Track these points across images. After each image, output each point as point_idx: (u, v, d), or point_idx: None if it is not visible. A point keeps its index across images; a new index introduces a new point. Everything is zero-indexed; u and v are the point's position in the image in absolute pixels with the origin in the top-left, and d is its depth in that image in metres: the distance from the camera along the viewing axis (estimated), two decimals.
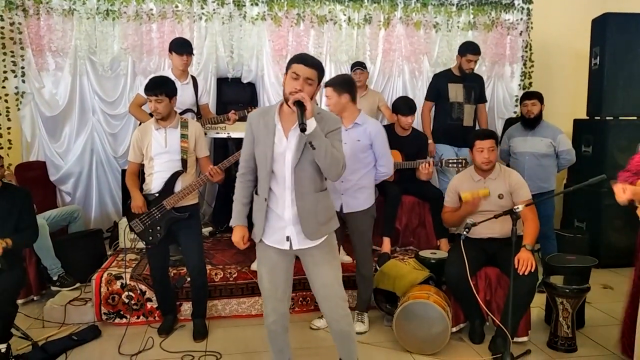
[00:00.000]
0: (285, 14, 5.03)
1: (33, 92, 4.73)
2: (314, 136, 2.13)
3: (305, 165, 2.24)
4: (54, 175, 4.86)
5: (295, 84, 2.16)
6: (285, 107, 2.26)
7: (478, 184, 3.23)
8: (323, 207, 2.33)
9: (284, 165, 2.25)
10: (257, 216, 2.35)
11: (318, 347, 3.13)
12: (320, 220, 2.31)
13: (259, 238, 2.36)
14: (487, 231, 3.15)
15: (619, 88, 4.70)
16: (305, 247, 2.32)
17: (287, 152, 2.24)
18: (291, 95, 2.13)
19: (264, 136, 2.27)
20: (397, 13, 5.27)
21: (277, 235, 2.32)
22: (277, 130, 2.26)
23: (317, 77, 2.22)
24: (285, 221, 2.29)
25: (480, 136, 3.24)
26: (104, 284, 3.52)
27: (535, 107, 4.07)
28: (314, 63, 2.22)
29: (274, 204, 2.30)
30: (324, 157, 2.16)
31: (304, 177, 2.25)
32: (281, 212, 2.29)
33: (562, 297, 3.06)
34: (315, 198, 2.29)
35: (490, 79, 5.53)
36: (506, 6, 5.44)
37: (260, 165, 2.31)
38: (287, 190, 2.26)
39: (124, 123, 4.94)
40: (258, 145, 2.29)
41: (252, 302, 3.65)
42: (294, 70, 2.17)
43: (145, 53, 4.88)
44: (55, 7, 4.67)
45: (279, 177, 2.27)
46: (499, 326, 2.96)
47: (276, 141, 2.25)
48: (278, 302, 2.40)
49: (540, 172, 4.05)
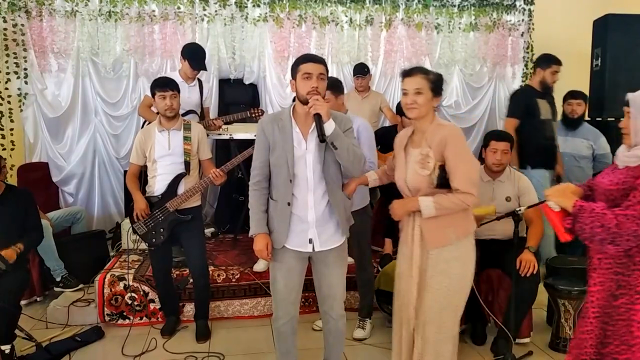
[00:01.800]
0: (287, 15, 5.05)
1: (36, 94, 4.75)
2: (335, 136, 2.15)
3: (330, 165, 2.27)
4: (56, 176, 4.88)
5: (310, 83, 2.17)
6: (299, 110, 2.27)
7: (487, 185, 3.22)
8: (348, 205, 2.41)
9: (305, 168, 2.26)
10: (278, 222, 2.32)
11: (320, 349, 3.12)
12: (346, 216, 2.37)
13: (281, 244, 2.33)
14: (488, 232, 3.15)
15: (621, 89, 4.63)
16: (326, 249, 2.34)
17: (308, 155, 2.26)
18: (309, 95, 2.14)
19: (282, 141, 2.26)
20: (398, 14, 5.29)
21: (300, 239, 2.32)
22: (295, 134, 2.27)
23: (326, 71, 2.25)
24: (308, 223, 2.30)
25: (497, 137, 3.22)
26: (107, 285, 3.53)
27: (579, 108, 4.01)
28: (320, 59, 2.26)
29: (296, 207, 2.30)
30: (346, 156, 2.20)
31: (331, 177, 2.28)
32: (304, 215, 2.29)
33: (564, 299, 3.07)
34: (342, 196, 2.35)
35: (492, 80, 5.56)
36: (507, 7, 5.46)
37: (279, 171, 2.29)
38: (310, 192, 2.28)
39: (127, 124, 4.97)
40: (275, 151, 2.28)
41: (255, 303, 3.66)
42: (305, 71, 2.18)
43: (148, 54, 4.90)
44: (57, 9, 4.69)
45: (300, 180, 2.27)
46: (501, 327, 2.96)
47: (295, 145, 2.26)
48: (290, 305, 2.42)
49: (578, 173, 4.00)
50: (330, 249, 2.35)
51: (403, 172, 2.28)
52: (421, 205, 2.17)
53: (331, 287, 2.42)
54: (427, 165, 2.17)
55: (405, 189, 2.30)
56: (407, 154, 2.30)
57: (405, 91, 2.21)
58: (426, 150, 2.18)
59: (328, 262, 2.38)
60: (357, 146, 2.28)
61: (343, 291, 2.48)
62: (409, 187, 2.26)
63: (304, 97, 2.18)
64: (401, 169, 2.29)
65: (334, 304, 2.45)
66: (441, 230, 2.20)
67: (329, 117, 2.14)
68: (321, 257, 2.38)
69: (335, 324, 2.49)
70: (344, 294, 2.50)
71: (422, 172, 2.19)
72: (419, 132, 2.28)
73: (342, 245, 2.41)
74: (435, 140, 2.18)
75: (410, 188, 2.26)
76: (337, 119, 2.25)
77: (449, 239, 2.21)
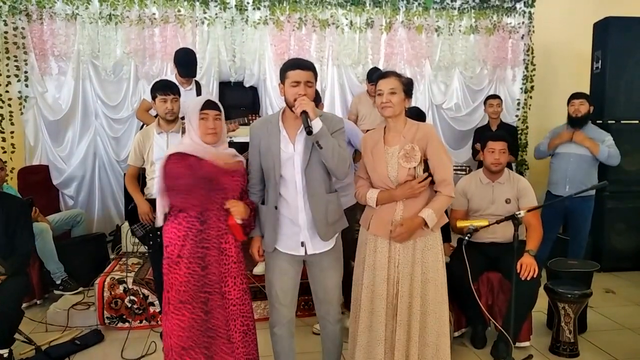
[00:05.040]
0: (287, 18, 5.05)
1: (36, 97, 4.76)
2: (321, 135, 2.15)
3: (315, 167, 2.26)
4: (56, 179, 4.88)
5: (298, 90, 2.17)
6: (288, 113, 2.28)
7: (486, 187, 3.22)
8: (333, 208, 2.35)
9: (293, 170, 2.26)
10: (267, 226, 2.34)
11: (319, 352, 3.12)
12: (330, 220, 2.33)
13: (271, 247, 2.34)
14: (488, 235, 3.15)
15: (621, 92, 4.71)
16: (318, 252, 2.34)
17: (296, 157, 2.26)
18: (296, 102, 2.15)
19: (270, 144, 2.27)
20: (398, 17, 5.29)
21: (292, 242, 2.33)
22: (282, 137, 2.28)
23: (314, 77, 2.25)
24: (299, 226, 2.30)
25: (493, 137, 3.26)
26: (106, 288, 3.53)
27: (583, 107, 4.01)
28: (308, 65, 2.24)
29: (286, 210, 2.30)
30: (331, 157, 2.19)
31: (314, 179, 2.27)
32: (294, 218, 2.30)
33: (564, 302, 3.06)
34: (327, 199, 2.31)
35: (492, 83, 5.56)
36: (508, 10, 5.46)
37: (268, 174, 2.31)
38: (299, 194, 2.28)
39: (127, 127, 4.97)
40: (264, 154, 2.29)
41: (254, 307, 3.64)
42: (293, 79, 2.19)
43: (148, 57, 4.91)
44: (58, 12, 4.70)
45: (289, 183, 2.28)
46: (501, 331, 2.95)
47: (282, 147, 2.27)
48: (285, 308, 2.41)
49: (583, 174, 3.99)
50: (324, 253, 2.35)
51: (384, 169, 2.40)
52: (427, 219, 2.33)
53: (327, 292, 2.42)
54: (414, 158, 2.35)
55: (388, 183, 2.40)
56: (384, 152, 2.42)
57: (380, 92, 2.38)
58: (410, 145, 2.36)
59: (323, 266, 2.38)
60: (344, 148, 2.27)
61: (339, 295, 2.48)
62: (392, 180, 2.39)
63: (291, 103, 2.19)
64: (382, 166, 2.41)
65: (330, 309, 2.45)
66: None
67: (315, 115, 2.15)
68: (315, 261, 2.37)
69: (332, 328, 2.49)
70: (341, 298, 2.50)
71: (407, 165, 2.36)
72: (393, 131, 2.44)
73: (336, 249, 2.40)
74: (417, 136, 2.38)
75: (393, 181, 2.39)
76: (328, 119, 2.26)
77: (427, 229, 2.38)
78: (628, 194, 4.66)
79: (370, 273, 2.43)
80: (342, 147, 2.25)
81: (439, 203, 2.36)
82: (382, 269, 2.40)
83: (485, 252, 3.20)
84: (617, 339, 3.33)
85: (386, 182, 2.40)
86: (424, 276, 2.40)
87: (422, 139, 2.37)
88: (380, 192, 2.42)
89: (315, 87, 2.29)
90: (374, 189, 2.47)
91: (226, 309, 2.26)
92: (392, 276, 2.40)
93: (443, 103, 5.52)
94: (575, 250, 4.12)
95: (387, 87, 2.35)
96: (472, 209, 3.26)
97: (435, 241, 2.44)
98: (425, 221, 2.33)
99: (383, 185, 2.42)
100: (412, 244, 2.39)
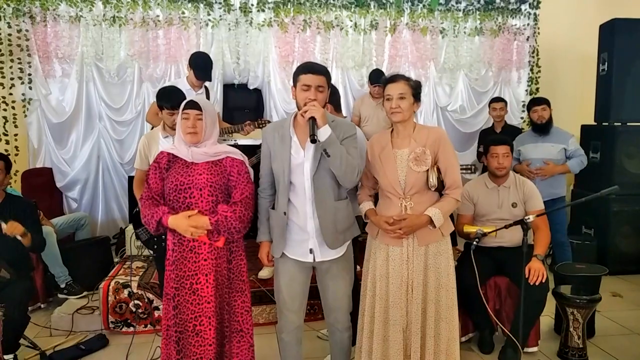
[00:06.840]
0: (291, 20, 5.04)
1: (40, 99, 4.75)
2: (329, 143, 2.12)
3: (323, 174, 2.23)
4: (60, 182, 4.87)
5: (308, 94, 2.15)
6: (300, 119, 2.25)
7: (492, 192, 3.20)
8: (343, 216, 2.31)
9: (302, 176, 2.24)
10: (276, 231, 2.33)
11: (324, 357, 3.11)
12: (339, 228, 2.30)
13: (280, 252, 2.33)
14: (496, 240, 3.13)
15: (627, 94, 4.68)
16: (327, 259, 2.32)
17: (306, 163, 2.23)
18: (305, 107, 2.13)
19: (281, 149, 2.26)
20: (403, 19, 5.28)
21: (300, 248, 2.31)
22: (293, 142, 2.26)
23: (327, 82, 2.22)
24: (307, 233, 2.28)
25: (495, 142, 3.23)
26: (111, 293, 3.51)
27: (545, 112, 4.05)
28: (321, 70, 2.21)
29: (295, 216, 2.28)
30: (339, 165, 2.16)
31: (323, 186, 2.24)
32: (303, 224, 2.28)
33: (573, 307, 3.04)
34: (335, 207, 2.28)
35: (497, 85, 5.54)
36: (513, 11, 5.44)
37: (278, 179, 2.29)
38: (308, 201, 2.25)
39: (131, 129, 4.97)
40: (275, 159, 2.28)
41: (260, 311, 3.63)
42: (304, 82, 2.17)
43: (152, 59, 4.90)
44: (62, 14, 4.69)
45: (298, 189, 2.26)
46: (508, 336, 2.93)
47: (293, 153, 2.25)
48: (294, 314, 2.40)
49: (552, 178, 4.01)
50: (333, 260, 2.33)
51: (394, 173, 2.36)
52: (433, 217, 2.30)
53: (336, 300, 2.40)
54: (424, 162, 2.32)
55: (397, 188, 2.36)
56: (394, 156, 2.38)
57: (389, 96, 2.34)
58: (421, 149, 2.33)
59: (332, 274, 2.36)
60: (354, 156, 2.22)
61: (349, 303, 2.45)
62: (402, 184, 2.35)
63: (301, 107, 2.17)
64: (392, 169, 2.37)
65: (339, 316, 2.43)
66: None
67: (324, 122, 2.12)
68: (325, 268, 2.35)
69: (341, 336, 2.48)
70: (350, 306, 2.47)
71: (417, 169, 2.33)
72: (401, 135, 2.40)
73: (346, 256, 2.38)
74: (429, 140, 2.35)
75: (405, 185, 2.35)
76: (339, 125, 2.24)
77: (438, 235, 2.38)
78: (634, 196, 4.63)
79: (384, 282, 2.40)
80: (351, 154, 2.20)
81: (446, 204, 2.35)
82: (396, 277, 2.38)
83: (493, 257, 3.17)
84: (625, 343, 3.31)
85: (395, 187, 2.37)
86: (437, 282, 2.38)
87: (434, 144, 2.35)
88: (369, 210, 2.46)
89: (329, 91, 2.26)
90: (368, 202, 2.49)
91: (197, 305, 2.24)
92: (404, 284, 2.37)
93: (448, 105, 5.49)
94: (560, 254, 4.11)
95: (396, 92, 2.31)
96: (479, 214, 3.24)
97: (447, 246, 2.43)
98: (431, 219, 2.30)
99: (391, 190, 2.38)
100: (425, 249, 2.37)
